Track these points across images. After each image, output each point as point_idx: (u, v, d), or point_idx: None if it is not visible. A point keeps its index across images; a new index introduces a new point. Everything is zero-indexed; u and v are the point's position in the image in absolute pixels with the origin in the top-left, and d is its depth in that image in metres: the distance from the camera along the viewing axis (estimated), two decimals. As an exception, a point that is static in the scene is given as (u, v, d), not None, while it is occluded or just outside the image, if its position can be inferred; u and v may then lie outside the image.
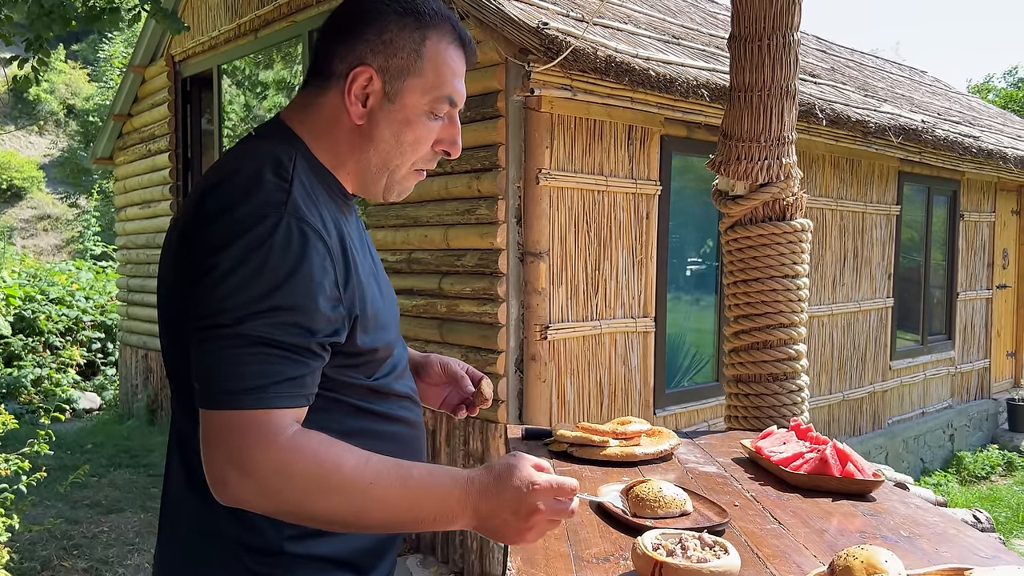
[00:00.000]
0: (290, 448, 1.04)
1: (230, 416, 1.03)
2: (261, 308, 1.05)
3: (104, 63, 18.45)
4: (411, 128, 1.23)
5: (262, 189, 1.11)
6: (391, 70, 1.20)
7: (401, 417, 1.31)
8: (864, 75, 8.26)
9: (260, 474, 1.03)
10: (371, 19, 1.21)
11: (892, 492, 1.85)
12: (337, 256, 1.14)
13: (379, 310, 1.24)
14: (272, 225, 1.07)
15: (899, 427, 6.94)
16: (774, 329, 2.66)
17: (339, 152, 1.24)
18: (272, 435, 1.03)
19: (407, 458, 1.28)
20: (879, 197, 6.47)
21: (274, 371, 1.05)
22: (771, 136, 2.60)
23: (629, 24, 4.80)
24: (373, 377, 1.25)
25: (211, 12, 6.31)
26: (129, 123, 7.74)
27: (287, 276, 1.06)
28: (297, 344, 1.07)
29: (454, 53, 1.25)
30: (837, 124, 5.23)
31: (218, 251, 1.07)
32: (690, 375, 5.12)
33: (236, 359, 1.03)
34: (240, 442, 1.03)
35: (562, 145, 4.05)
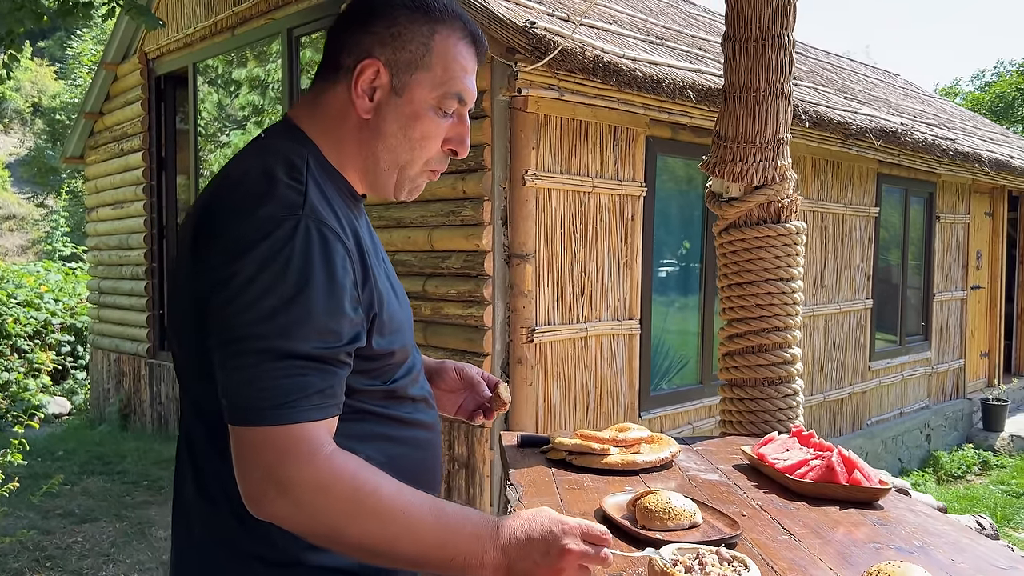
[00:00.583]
0: (329, 467, 1.03)
1: (264, 433, 1.01)
2: (286, 320, 1.02)
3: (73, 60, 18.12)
4: (419, 122, 1.20)
5: (277, 192, 1.08)
6: (399, 63, 1.18)
7: (418, 421, 1.29)
8: (841, 78, 8.32)
9: (299, 491, 1.01)
10: (380, 12, 1.20)
11: (899, 500, 1.82)
12: (355, 257, 1.12)
13: (395, 312, 1.22)
14: (291, 229, 1.05)
15: (878, 427, 6.98)
16: (769, 333, 2.63)
17: (346, 149, 1.22)
18: (310, 451, 1.02)
19: (426, 462, 1.32)
20: (859, 199, 6.50)
21: (304, 384, 1.03)
22: (766, 138, 2.57)
23: (614, 24, 4.77)
24: (389, 381, 1.23)
25: (186, 9, 6.18)
26: (101, 121, 7.57)
27: (310, 283, 1.04)
28: (324, 355, 1.05)
29: (464, 49, 1.22)
30: (820, 126, 5.24)
31: (236, 259, 1.04)
32: (669, 377, 5.10)
33: (264, 374, 1.01)
34: (277, 458, 1.01)
35: (548, 146, 4.01)
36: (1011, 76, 27.22)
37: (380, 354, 1.18)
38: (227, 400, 1.04)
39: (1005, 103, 26.05)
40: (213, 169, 6.40)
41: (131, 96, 6.97)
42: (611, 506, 1.63)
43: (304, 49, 5.34)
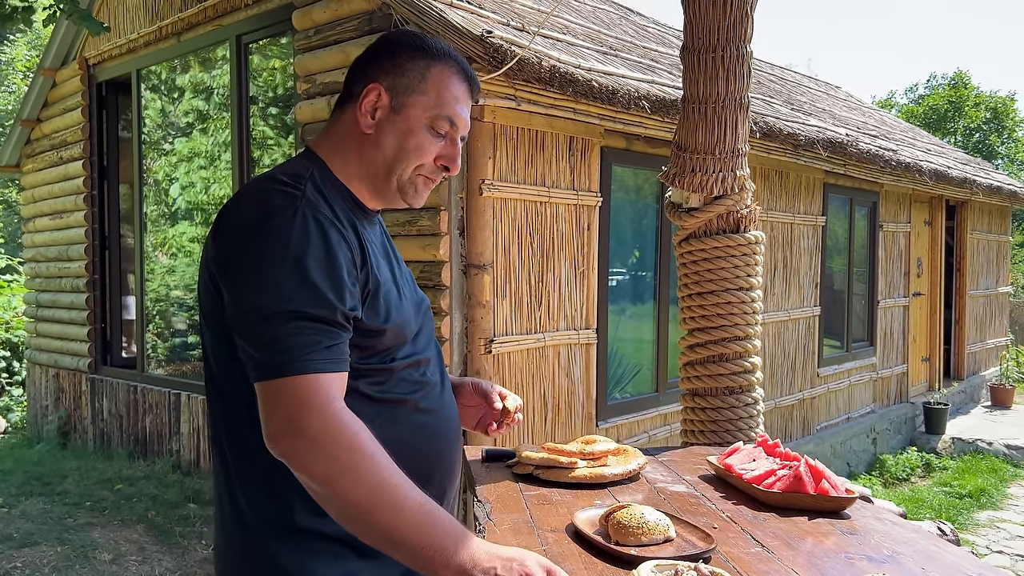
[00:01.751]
0: (339, 418, 1.17)
1: (284, 383, 1.17)
2: (290, 288, 1.19)
3: (6, 66, 17.52)
4: (412, 136, 1.38)
5: (279, 189, 1.28)
6: (398, 87, 1.39)
7: (416, 403, 1.40)
8: (787, 89, 8.49)
9: (311, 432, 1.16)
10: (384, 50, 1.43)
11: (865, 508, 1.83)
12: (353, 244, 1.29)
13: (392, 300, 1.36)
14: (290, 215, 1.23)
15: (827, 432, 7.11)
16: (729, 342, 2.64)
17: (350, 162, 1.40)
18: (322, 399, 1.17)
19: (426, 444, 1.43)
20: (806, 208, 6.63)
21: (314, 340, 1.19)
22: (726, 148, 2.59)
23: (568, 35, 4.78)
24: (387, 360, 1.36)
25: (129, 13, 6.01)
26: (38, 129, 7.32)
27: (308, 256, 1.21)
28: (327, 317, 1.21)
29: (457, 82, 1.42)
30: (770, 137, 5.33)
31: (243, 240, 1.24)
32: (624, 386, 5.11)
33: (279, 335, 1.18)
34: (295, 404, 1.17)
35: (505, 155, 3.99)
36: (943, 89, 28.19)
37: (371, 330, 1.31)
38: (250, 362, 1.21)
39: (938, 115, 26.97)
40: (157, 178, 6.22)
41: (71, 103, 6.75)
42: (583, 521, 1.60)
43: (252, 55, 5.23)
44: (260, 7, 4.90)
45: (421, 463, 1.38)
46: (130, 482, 5.43)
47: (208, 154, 5.77)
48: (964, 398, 9.98)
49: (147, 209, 6.27)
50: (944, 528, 2.04)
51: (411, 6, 3.70)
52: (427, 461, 1.42)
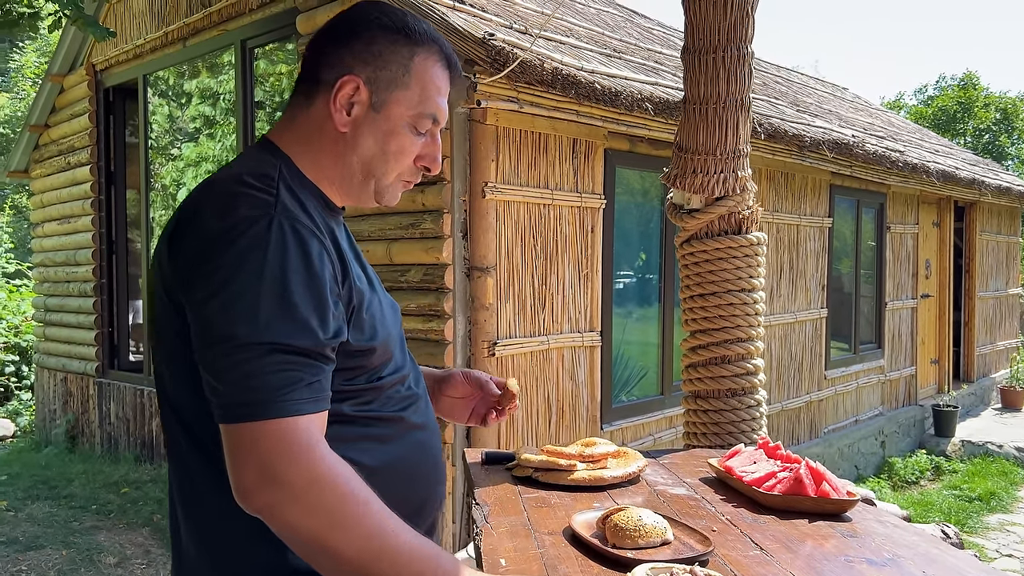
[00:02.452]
0: (324, 464, 1.04)
1: (258, 428, 1.02)
2: (268, 315, 1.04)
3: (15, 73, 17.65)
4: (394, 138, 1.24)
5: (248, 196, 1.11)
6: (379, 81, 1.23)
7: (407, 420, 1.31)
8: (793, 91, 8.47)
9: (293, 483, 1.02)
10: (360, 31, 1.24)
11: (866, 511, 1.82)
12: (333, 254, 1.15)
13: (375, 312, 1.24)
14: (265, 226, 1.07)
15: (835, 435, 7.07)
16: (731, 344, 2.63)
17: (322, 162, 1.25)
18: (305, 445, 1.03)
19: (421, 463, 1.34)
20: (812, 210, 6.60)
21: (293, 378, 1.04)
22: (727, 149, 2.58)
23: (571, 38, 4.78)
24: (374, 379, 1.25)
25: (136, 20, 6.04)
26: (47, 135, 7.36)
27: (288, 277, 1.06)
28: (309, 349, 1.06)
29: (441, 72, 1.27)
30: (775, 138, 5.31)
31: (212, 258, 1.06)
32: (630, 389, 5.10)
33: (252, 370, 1.03)
34: (272, 452, 1.02)
35: (508, 158, 3.98)
36: (952, 90, 28.07)
37: (358, 350, 1.19)
38: (216, 400, 1.05)
39: (947, 116, 26.85)
40: (165, 183, 6.25)
41: (78, 108, 6.78)
42: (580, 524, 1.59)
43: (258, 60, 5.25)
44: (264, 12, 4.92)
45: (419, 483, 1.31)
46: (136, 485, 5.45)
47: (215, 159, 5.79)
48: (974, 400, 9.91)
49: (154, 214, 6.30)
50: (948, 531, 2.02)
51: (413, 8, 3.70)
52: (425, 480, 1.34)
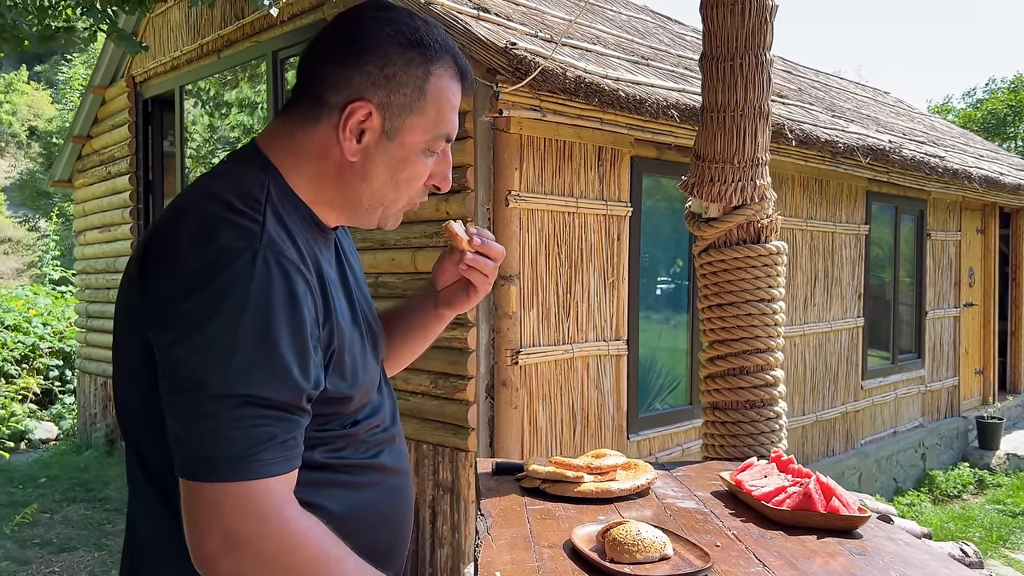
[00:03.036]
0: (295, 527, 0.97)
1: (224, 489, 0.94)
2: (245, 363, 0.95)
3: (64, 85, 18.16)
4: (408, 166, 1.16)
5: (232, 221, 1.01)
6: (392, 107, 1.12)
7: (381, 465, 1.23)
8: (830, 96, 8.33)
9: (262, 549, 0.94)
10: (373, 47, 1.11)
11: (879, 528, 1.77)
12: (316, 292, 1.06)
13: (356, 353, 1.16)
14: (248, 260, 0.97)
15: (872, 447, 6.92)
16: (750, 354, 2.59)
17: (323, 186, 1.15)
18: (275, 508, 0.96)
19: (391, 508, 1.26)
20: (848, 216, 6.49)
21: (266, 434, 0.96)
22: (744, 157, 2.55)
23: (598, 45, 4.76)
24: (348, 425, 1.16)
25: (173, 32, 6.18)
26: (89, 145, 7.55)
27: (270, 322, 0.97)
28: (286, 402, 0.98)
29: (455, 88, 1.18)
30: (806, 144, 5.23)
31: (189, 294, 0.96)
32: (661, 398, 5.05)
33: (222, 424, 0.94)
34: (238, 516, 0.94)
35: (532, 166, 3.98)
36: (1002, 93, 27.38)
37: (336, 398, 1.11)
38: (179, 451, 0.97)
39: (997, 120, 26.20)
40: (200, 192, 6.37)
41: (118, 119, 6.95)
42: (581, 537, 1.58)
43: (289, 71, 5.32)
44: (295, 23, 4.99)
45: (388, 529, 1.25)
46: (170, 489, 5.53)
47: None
48: (1021, 412, 9.63)
49: (190, 222, 6.41)
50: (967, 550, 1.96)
51: (438, 19, 3.72)
52: (394, 525, 1.28)
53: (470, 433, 3.88)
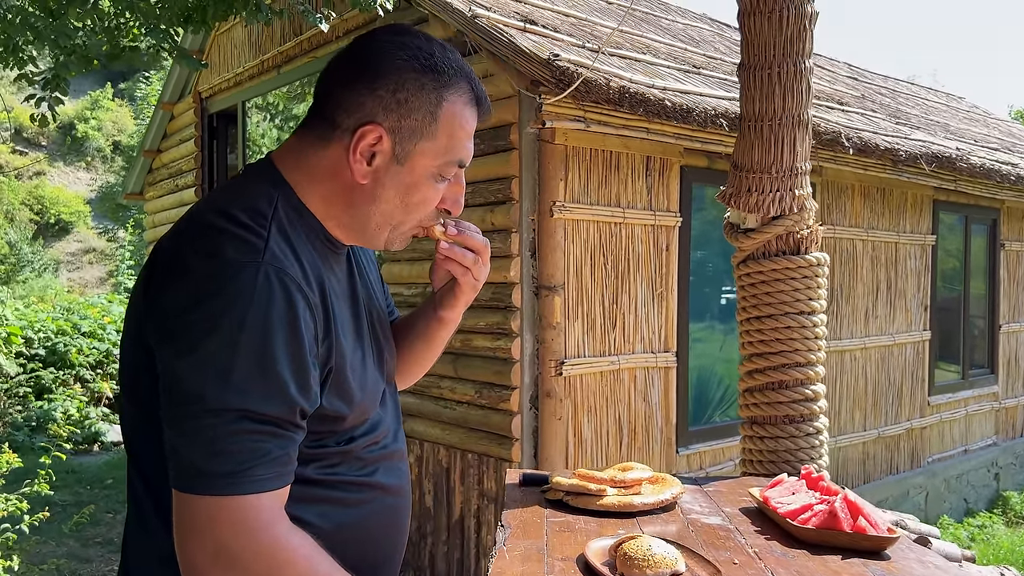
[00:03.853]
0: (286, 544, 0.99)
1: (216, 502, 0.95)
2: (242, 378, 0.97)
3: (141, 101, 18.94)
4: (418, 190, 1.15)
5: (234, 237, 1.03)
6: (403, 131, 1.12)
7: (376, 483, 1.23)
8: (897, 102, 8.09)
9: (250, 565, 0.96)
10: (386, 72, 1.12)
11: (909, 549, 1.71)
12: (318, 310, 1.07)
13: (355, 371, 1.16)
14: (250, 276, 0.99)
15: (940, 465, 6.66)
16: (789, 368, 2.53)
17: (334, 204, 1.16)
18: (265, 523, 0.97)
19: (381, 527, 1.25)
20: (913, 227, 6.28)
21: (260, 450, 0.97)
22: (783, 167, 2.50)
23: (648, 54, 4.73)
24: (343, 442, 1.17)
25: (236, 50, 6.39)
26: (158, 159, 7.86)
27: (270, 338, 0.98)
28: (281, 418, 0.99)
29: (469, 114, 1.17)
30: (865, 152, 5.09)
31: (191, 308, 0.98)
32: (723, 408, 4.97)
33: (217, 438, 0.95)
34: (229, 530, 0.96)
35: (577, 177, 3.98)
36: (1091, 97, 26.08)
37: (332, 416, 1.11)
38: (175, 462, 0.98)
39: (1085, 125, 24.97)
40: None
41: (186, 134, 7.21)
42: (594, 551, 1.57)
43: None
44: (349, 39, 5.09)
45: (376, 546, 1.24)
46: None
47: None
48: (1105, 432, 9.13)
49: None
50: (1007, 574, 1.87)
51: (483, 33, 3.76)
52: (383, 544, 1.26)
53: (514, 443, 3.88)
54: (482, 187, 3.99)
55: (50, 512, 3.39)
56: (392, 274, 4.63)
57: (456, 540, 4.24)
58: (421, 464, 4.46)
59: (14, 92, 16.59)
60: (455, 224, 1.29)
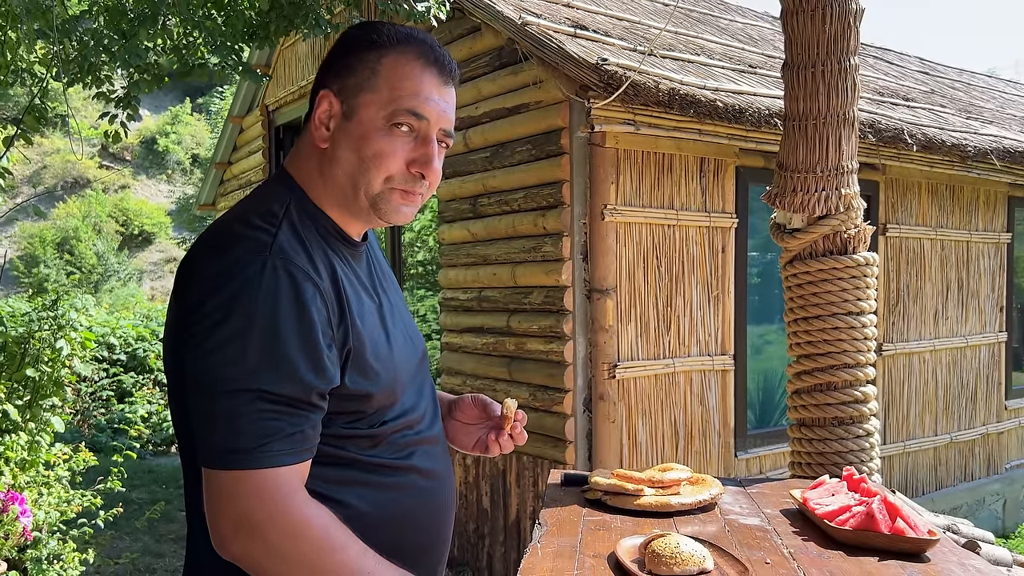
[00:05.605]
0: (302, 515, 1.05)
1: (237, 476, 1.03)
2: (255, 362, 1.04)
3: (216, 115, 19.65)
4: (368, 142, 1.18)
5: (248, 235, 1.11)
6: (347, 89, 1.20)
7: (412, 466, 1.27)
8: (970, 96, 7.82)
9: (270, 534, 1.03)
10: (336, 51, 1.24)
11: (951, 552, 1.68)
12: (329, 296, 1.13)
13: (381, 355, 1.21)
14: (258, 269, 1.06)
15: (1019, 472, 6.39)
16: (838, 370, 2.50)
17: (316, 183, 1.23)
18: (284, 496, 1.04)
19: (419, 510, 1.28)
20: (986, 224, 6.05)
21: (275, 427, 1.04)
22: (828, 166, 2.47)
23: (702, 55, 4.71)
24: (377, 424, 1.21)
25: (300, 63, 6.59)
26: (229, 170, 8.14)
27: (278, 323, 1.05)
28: (295, 396, 1.05)
29: (418, 69, 1.20)
30: (930, 149, 4.95)
31: (204, 302, 1.07)
32: (775, 415, 4.89)
33: (235, 418, 1.03)
34: (251, 502, 1.03)
35: (629, 180, 3.98)
36: None
37: (357, 395, 1.16)
38: (200, 443, 1.07)
39: None
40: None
41: (254, 146, 7.46)
42: (624, 549, 1.59)
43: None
44: (406, 49, 5.21)
45: (414, 531, 1.28)
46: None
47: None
48: None
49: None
50: (1060, 581, 1.82)
51: (532, 39, 3.81)
52: (422, 528, 1.30)
53: (568, 446, 3.91)
54: (533, 192, 4.03)
55: (126, 509, 3.56)
56: (449, 279, 4.71)
57: (512, 541, 4.29)
58: (478, 466, 4.52)
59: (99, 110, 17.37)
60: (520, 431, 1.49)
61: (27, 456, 3.02)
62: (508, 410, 1.45)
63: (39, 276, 18.14)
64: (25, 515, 2.67)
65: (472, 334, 4.51)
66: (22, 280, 18.43)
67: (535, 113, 4.05)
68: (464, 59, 4.56)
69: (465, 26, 4.46)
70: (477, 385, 4.45)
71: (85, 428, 8.24)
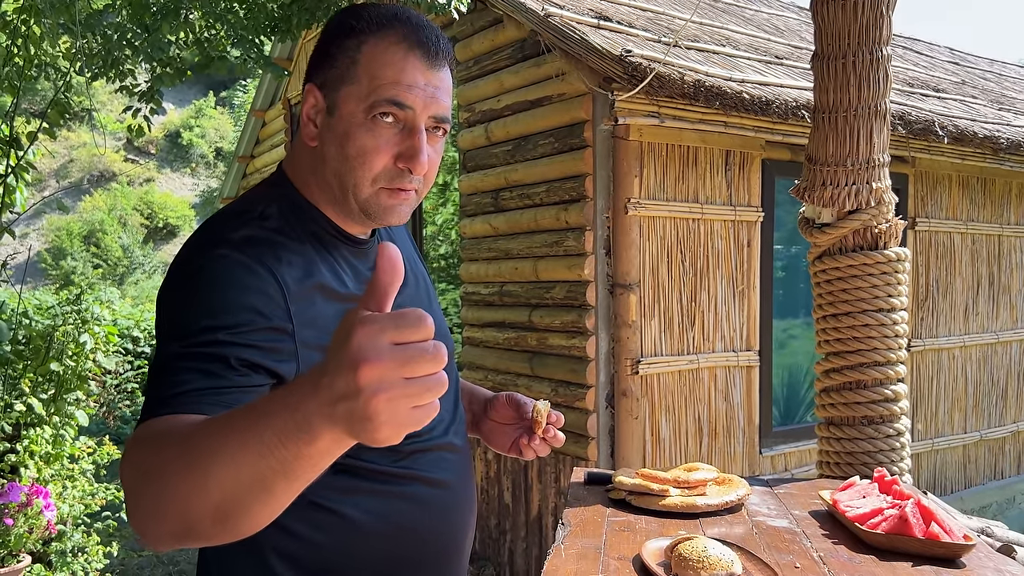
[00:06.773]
0: (134, 441, 0.90)
1: (138, 428, 0.93)
2: (179, 323, 1.01)
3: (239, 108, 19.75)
4: (351, 139, 1.11)
5: (214, 232, 1.11)
6: (329, 82, 1.12)
7: (418, 475, 1.23)
8: (1002, 87, 7.66)
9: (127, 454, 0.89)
10: (320, 40, 1.17)
11: (988, 558, 1.63)
12: (292, 290, 1.07)
13: None
14: (208, 255, 1.06)
15: (1050, 470, 6.28)
16: (868, 367, 2.44)
17: (309, 181, 1.19)
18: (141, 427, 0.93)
19: (426, 520, 1.24)
20: (1018, 218, 5.93)
21: (179, 381, 0.94)
22: (859, 160, 2.41)
23: (728, 46, 4.64)
24: None
25: (322, 56, 6.58)
26: (252, 164, 8.17)
27: (213, 293, 1.02)
28: (207, 353, 0.97)
29: (400, 54, 1.10)
30: (961, 141, 4.85)
31: (161, 296, 1.08)
32: (802, 411, 4.83)
33: (152, 377, 0.98)
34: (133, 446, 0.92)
35: (652, 173, 3.93)
36: None
37: None
38: None
39: None
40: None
41: (276, 140, 7.48)
42: (650, 551, 1.56)
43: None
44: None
45: (416, 538, 1.23)
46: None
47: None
48: None
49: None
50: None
51: (555, 31, 3.77)
52: (424, 536, 1.25)
53: (590, 442, 3.87)
54: (556, 185, 3.99)
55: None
56: (470, 273, 4.69)
57: (534, 537, 4.27)
58: (500, 461, 4.50)
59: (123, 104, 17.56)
60: (554, 434, 1.43)
61: (51, 450, 3.03)
62: (538, 414, 1.40)
63: (66, 269, 18.37)
64: (49, 508, 2.68)
65: (494, 329, 4.48)
66: (50, 272, 18.68)
67: (558, 106, 4.01)
68: (486, 51, 4.53)
69: (487, 18, 4.43)
70: (499, 380, 4.42)
71: (110, 420, 8.31)
